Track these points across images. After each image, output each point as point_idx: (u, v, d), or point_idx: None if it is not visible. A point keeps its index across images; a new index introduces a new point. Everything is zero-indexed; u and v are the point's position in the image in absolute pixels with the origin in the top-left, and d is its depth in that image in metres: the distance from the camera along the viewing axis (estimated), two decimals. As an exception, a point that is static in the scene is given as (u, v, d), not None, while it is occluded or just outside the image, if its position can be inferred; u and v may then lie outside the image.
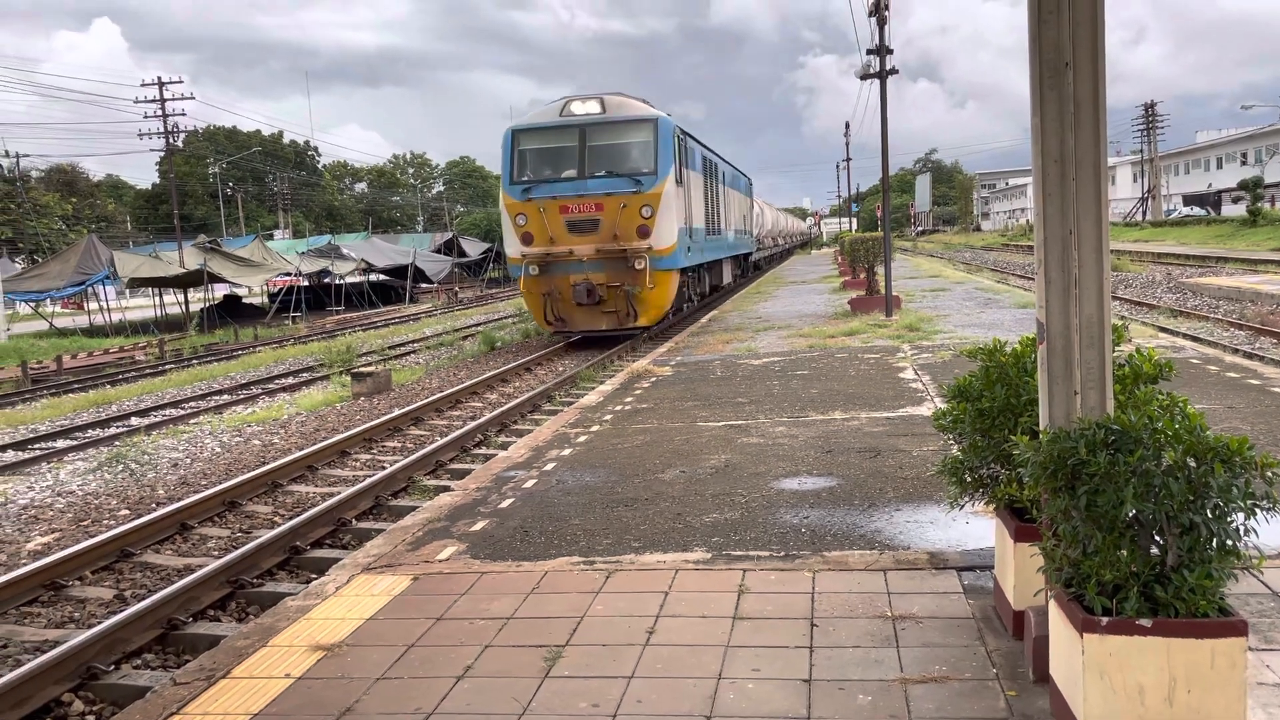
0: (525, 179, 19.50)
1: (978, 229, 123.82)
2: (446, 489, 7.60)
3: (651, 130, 19.34)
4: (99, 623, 5.84)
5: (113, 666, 5.19)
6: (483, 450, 10.38)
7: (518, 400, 12.81)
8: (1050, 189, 3.54)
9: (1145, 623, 2.97)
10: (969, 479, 4.25)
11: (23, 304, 41.55)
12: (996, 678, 3.73)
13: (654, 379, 12.51)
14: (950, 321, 17.45)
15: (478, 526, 6.23)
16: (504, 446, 10.22)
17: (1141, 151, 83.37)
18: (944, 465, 4.26)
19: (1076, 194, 3.49)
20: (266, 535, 6.97)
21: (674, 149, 19.48)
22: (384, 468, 9.64)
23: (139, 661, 5.37)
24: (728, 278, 31.71)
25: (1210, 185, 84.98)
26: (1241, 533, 2.98)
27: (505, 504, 6.73)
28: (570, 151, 19.47)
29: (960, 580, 4.77)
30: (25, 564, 7.02)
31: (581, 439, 8.88)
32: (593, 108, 19.55)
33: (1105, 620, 3.00)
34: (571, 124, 19.48)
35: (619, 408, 10.45)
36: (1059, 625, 3.26)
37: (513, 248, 19.71)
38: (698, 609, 4.61)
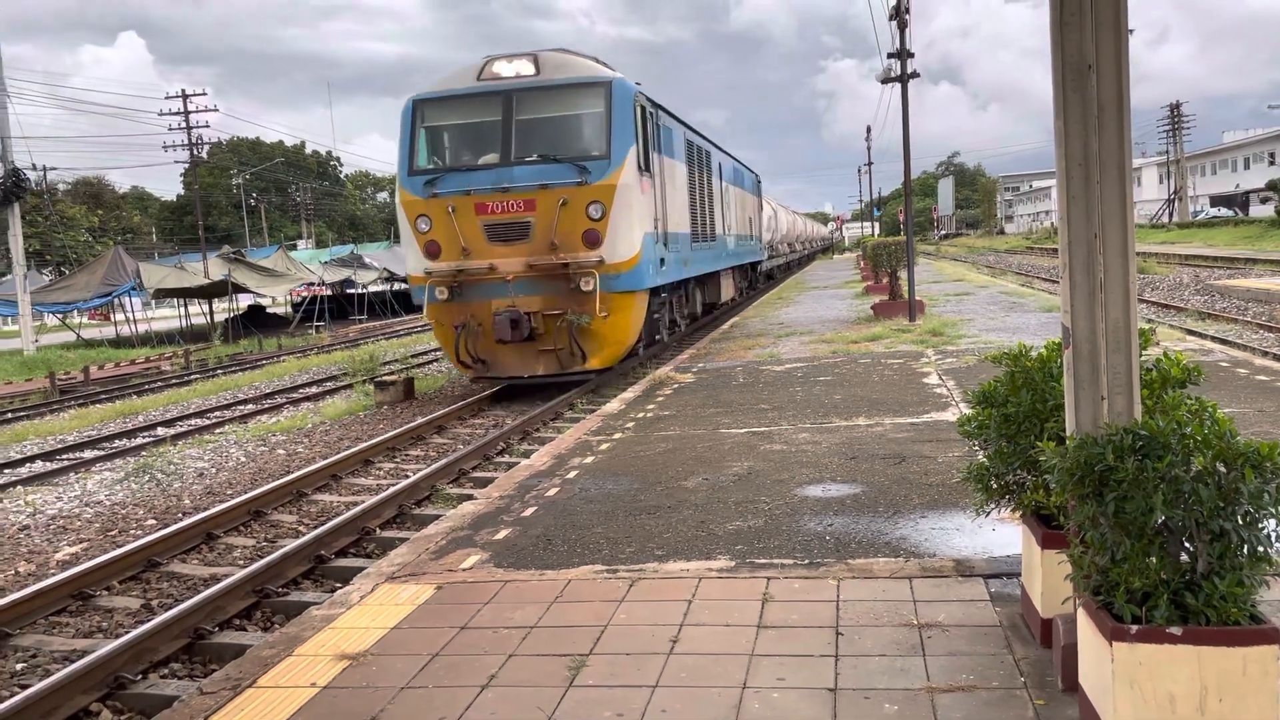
0: (430, 167, 14.36)
1: (1001, 232, 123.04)
2: (469, 497, 7.62)
3: (603, 97, 14.01)
4: (127, 632, 5.88)
5: (140, 676, 5.23)
6: (505, 458, 10.40)
7: (541, 408, 12.82)
8: (1074, 192, 3.50)
9: (1175, 631, 2.93)
10: (995, 485, 4.21)
11: (50, 315, 42.06)
12: (1024, 686, 3.69)
13: (676, 386, 12.50)
14: (974, 326, 17.34)
15: (501, 535, 6.23)
16: (526, 454, 10.23)
17: (1167, 152, 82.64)
18: (969, 472, 4.23)
19: (1101, 197, 3.45)
20: (291, 545, 7.01)
21: (636, 124, 14.30)
22: (407, 476, 9.67)
23: (166, 671, 5.40)
24: (728, 292, 25.84)
25: (1238, 186, 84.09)
26: (1273, 539, 2.94)
27: (528, 512, 6.73)
28: (491, 129, 14.15)
29: (987, 588, 4.73)
30: (54, 574, 7.08)
31: (604, 446, 8.87)
32: (523, 68, 14.23)
33: (1135, 628, 2.96)
34: (493, 90, 14.11)
35: (641, 415, 10.45)
36: (1088, 633, 3.22)
37: (413, 262, 14.37)
38: (722, 617, 4.59)
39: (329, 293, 45.17)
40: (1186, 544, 3.05)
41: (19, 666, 5.61)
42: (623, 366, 15.42)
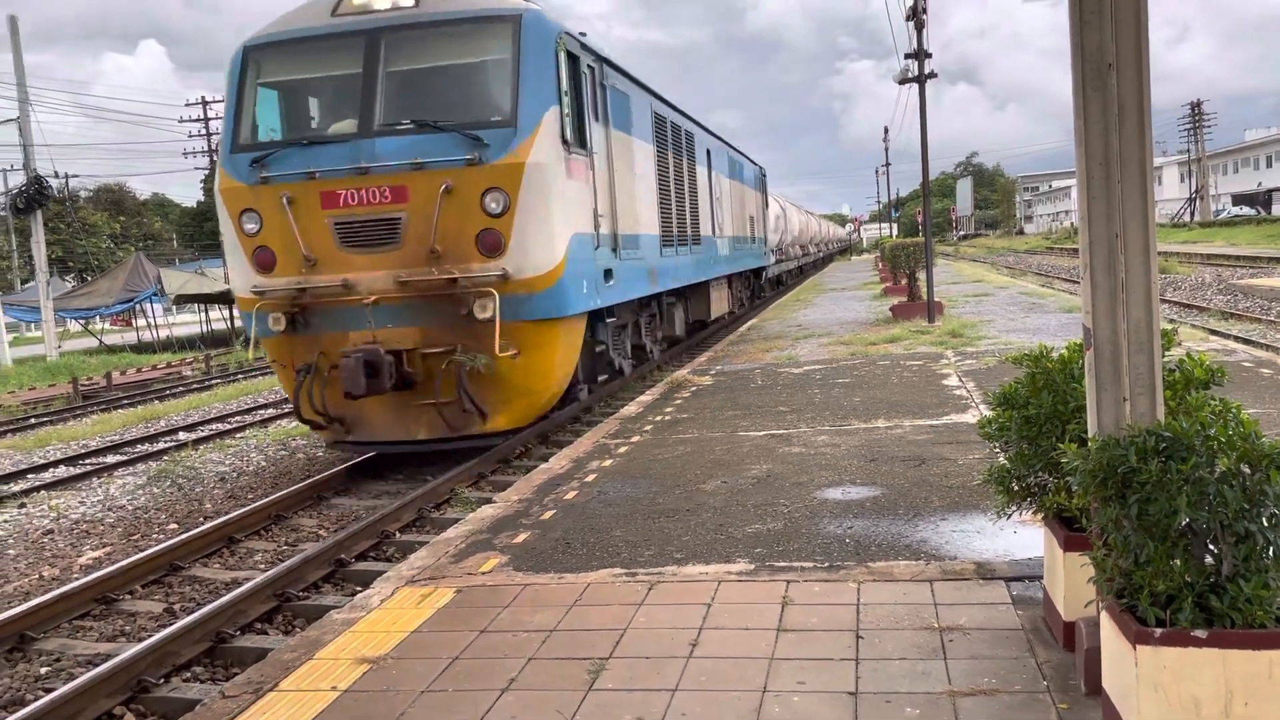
0: (261, 142, 10.06)
1: (1021, 232, 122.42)
2: (488, 500, 7.63)
3: (508, 38, 9.76)
4: (149, 636, 5.93)
5: (163, 679, 5.26)
6: (524, 461, 10.41)
7: (559, 413, 12.84)
8: (1095, 192, 3.48)
9: (1200, 634, 2.90)
10: (1016, 488, 4.18)
11: (73, 321, 42.46)
12: (1047, 690, 3.66)
13: (694, 388, 12.48)
14: (994, 327, 17.25)
15: (520, 538, 6.24)
16: (545, 458, 10.24)
17: (1188, 151, 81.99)
18: (990, 474, 4.20)
19: (1122, 196, 3.43)
20: (312, 549, 7.04)
21: (560, 78, 10.02)
22: (426, 480, 9.70)
23: (188, 674, 5.44)
24: (722, 306, 21.20)
25: (1260, 184, 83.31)
26: (1300, 541, 2.90)
27: (547, 516, 6.74)
28: (349, 86, 9.88)
29: (1009, 590, 4.69)
30: (77, 578, 7.14)
31: (622, 450, 8.87)
32: None
33: (1159, 631, 2.93)
34: (353, 30, 9.91)
35: (659, 418, 10.44)
36: (1111, 637, 3.19)
37: (238, 278, 10.17)
38: (741, 621, 4.58)
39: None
40: (1211, 546, 3.02)
41: (43, 670, 5.66)
42: (557, 416, 11.45)
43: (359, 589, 6.28)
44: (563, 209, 9.78)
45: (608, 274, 11.33)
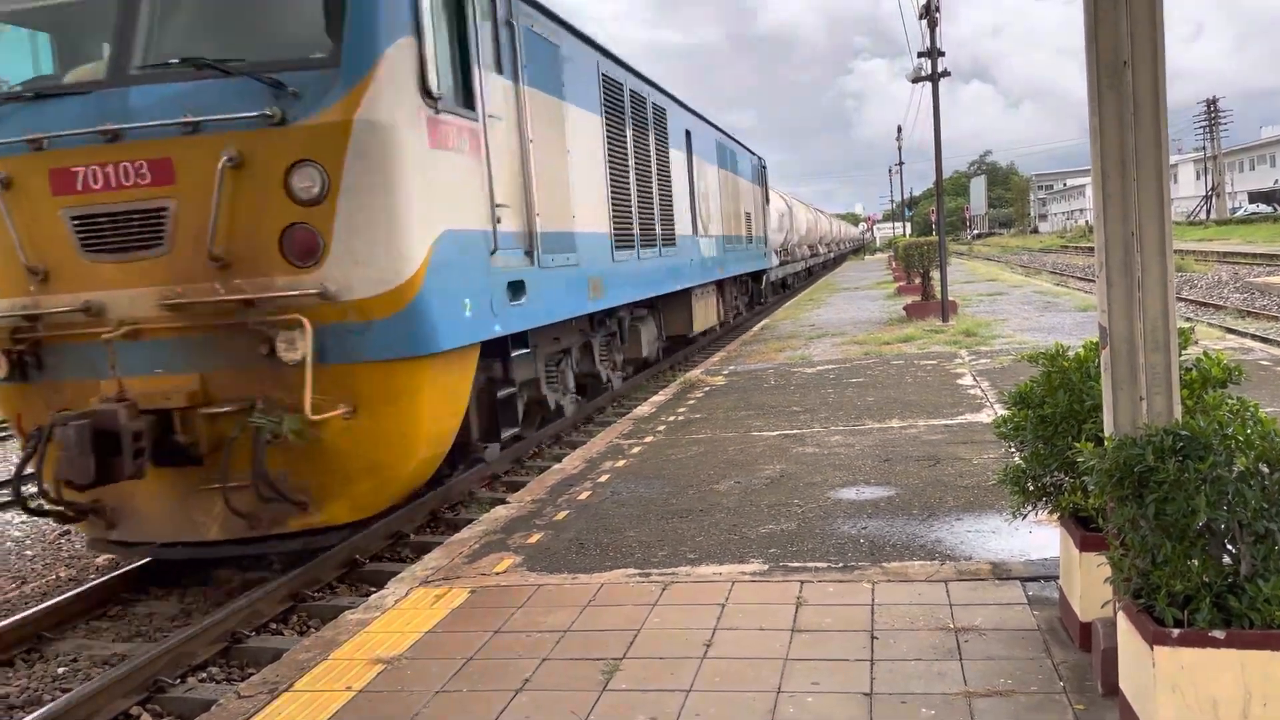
0: None
1: (1035, 231, 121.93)
2: (502, 501, 7.64)
3: None
4: (166, 637, 5.95)
5: (179, 679, 5.28)
6: (537, 461, 10.42)
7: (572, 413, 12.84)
8: (1111, 190, 3.46)
9: (1218, 634, 2.88)
10: (1031, 487, 4.16)
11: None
12: (1064, 691, 3.64)
13: (707, 388, 12.47)
14: (1009, 326, 17.18)
15: (534, 539, 6.24)
16: (558, 459, 10.24)
17: (1204, 149, 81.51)
18: (1005, 474, 4.18)
19: (1138, 195, 3.40)
20: (327, 549, 7.06)
21: None
22: (441, 481, 9.71)
23: (204, 675, 5.46)
24: (708, 318, 17.93)
25: (1276, 181, 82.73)
26: (1320, 541, 2.88)
27: (560, 516, 6.74)
28: (97, 11, 6.68)
29: (1024, 591, 4.67)
30: (94, 579, 7.17)
31: (635, 450, 8.87)
32: None
33: (1176, 632, 2.91)
34: None
35: (672, 418, 10.43)
36: (1128, 637, 3.17)
37: None
38: (755, 621, 4.57)
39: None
40: (1229, 546, 3.00)
41: (60, 670, 5.69)
42: (439, 492, 8.41)
43: (373, 589, 6.29)
44: (423, 193, 6.54)
45: (515, 288, 8.03)
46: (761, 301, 28.20)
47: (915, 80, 20.47)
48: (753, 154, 24.85)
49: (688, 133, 16.15)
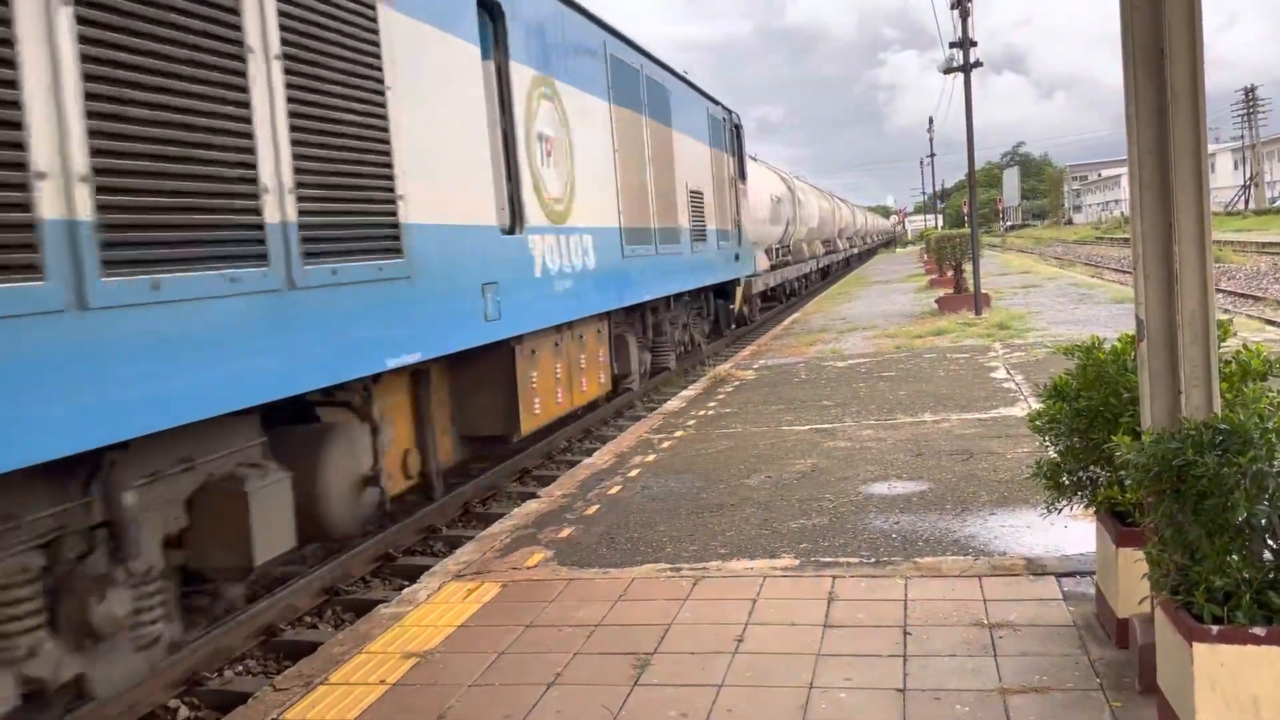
0: None
1: (1069, 222, 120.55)
2: (533, 495, 7.66)
3: None
4: (203, 630, 6.02)
5: (216, 673, 5.35)
6: (568, 456, 10.44)
7: (602, 408, 12.85)
8: (1147, 181, 3.41)
9: (1259, 631, 2.83)
10: (1066, 482, 4.12)
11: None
12: (1100, 688, 3.60)
13: (737, 383, 12.44)
14: (1043, 319, 17.00)
15: (564, 533, 6.26)
16: (588, 453, 10.26)
17: (1242, 138, 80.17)
18: (1039, 468, 4.14)
19: (1175, 185, 3.35)
20: (361, 544, 7.11)
21: None
22: (472, 475, 9.76)
23: (241, 668, 5.52)
24: (583, 384, 9.77)
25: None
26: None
27: (591, 511, 6.75)
28: None
29: (1059, 587, 4.62)
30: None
31: (665, 445, 8.87)
32: None
33: (1216, 629, 2.87)
34: None
35: (702, 413, 10.42)
36: (1166, 634, 3.13)
37: None
38: (786, 616, 4.55)
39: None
40: (1270, 541, 2.95)
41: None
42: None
43: (405, 583, 6.33)
44: None
45: None
46: (735, 326, 19.49)
47: (947, 71, 20.29)
48: (715, 103, 16.09)
49: (539, 33, 8.43)
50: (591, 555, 5.76)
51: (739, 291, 18.23)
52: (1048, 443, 4.24)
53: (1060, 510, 4.19)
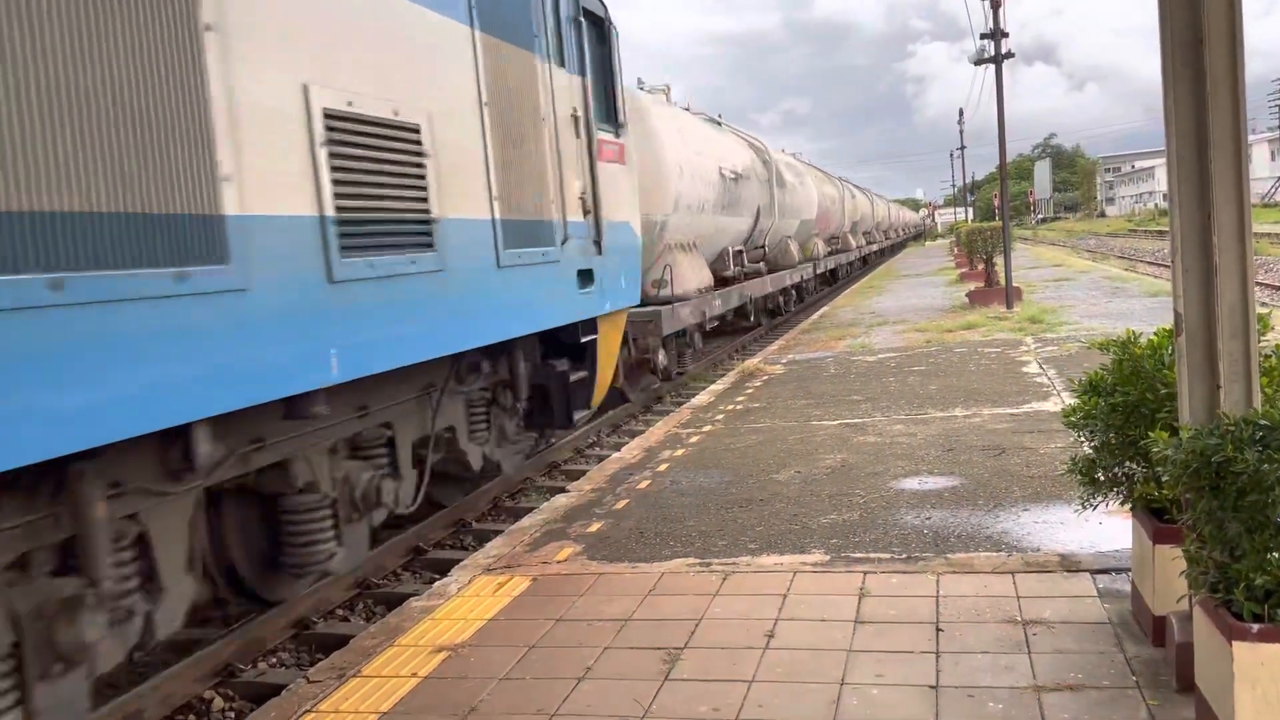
0: None
1: (1102, 215, 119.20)
2: (562, 490, 7.68)
3: None
4: (237, 623, 6.08)
5: (250, 665, 5.40)
6: (596, 451, 10.46)
7: (629, 403, 12.85)
8: (1185, 172, 3.36)
9: (1302, 630, 2.78)
10: (1101, 478, 4.07)
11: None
12: (1137, 686, 3.56)
13: (765, 377, 12.40)
14: (1075, 312, 16.82)
15: (594, 528, 6.27)
16: (617, 447, 10.26)
17: (1279, 127, 78.81)
18: (1074, 464, 4.10)
19: (1214, 176, 3.30)
20: (394, 537, 7.17)
21: None
22: (500, 470, 9.78)
23: (274, 660, 5.57)
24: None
25: (1358, 160, 79.75)
26: None
27: (620, 505, 6.76)
28: None
29: (1094, 584, 4.57)
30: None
31: (694, 439, 8.85)
32: None
33: (1256, 627, 2.83)
34: None
35: (730, 407, 10.39)
36: (1205, 632, 3.08)
37: None
38: (817, 612, 4.53)
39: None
40: (1312, 539, 2.90)
41: (136, 655, 5.84)
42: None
43: (436, 576, 6.37)
44: None
45: None
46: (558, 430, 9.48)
47: (978, 63, 20.09)
48: None
49: None
50: (621, 549, 5.77)
51: (628, 341, 11.03)
52: (1082, 439, 4.19)
53: (1095, 507, 4.14)
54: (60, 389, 3.21)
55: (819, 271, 27.22)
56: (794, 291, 23.85)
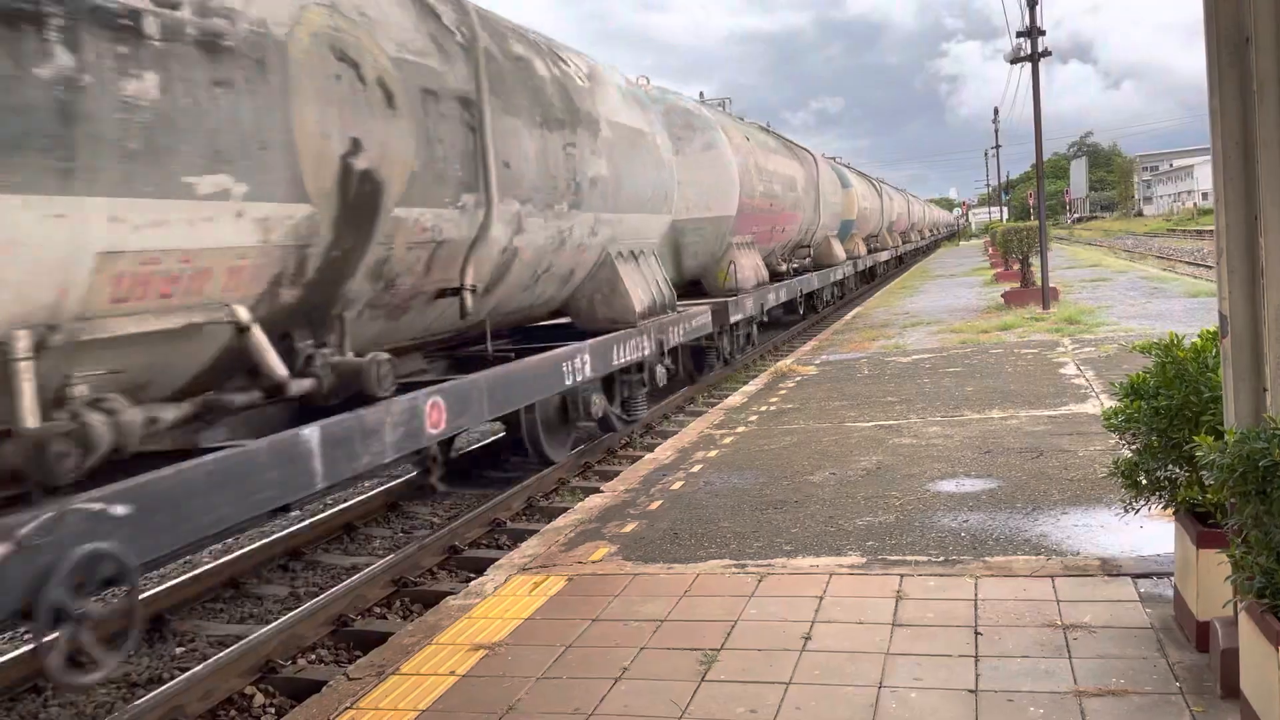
0: None
1: (1139, 214, 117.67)
2: (596, 490, 7.70)
3: None
4: (276, 619, 6.16)
5: (289, 661, 5.47)
6: (629, 451, 10.47)
7: (663, 402, 12.86)
8: (1231, 172, 3.32)
9: (1352, 638, 2.74)
10: (1144, 481, 4.03)
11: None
12: (1180, 692, 3.52)
13: (798, 378, 12.36)
14: (1113, 313, 16.62)
15: (628, 528, 6.28)
16: (650, 448, 10.27)
17: (1323, 124, 77.53)
18: (1116, 467, 4.06)
19: (1261, 176, 3.26)
20: (428, 537, 7.22)
21: None
22: (534, 470, 9.83)
23: (313, 656, 5.63)
24: None
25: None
26: None
27: (654, 506, 6.77)
28: None
29: (1135, 588, 4.52)
30: (207, 563, 7.46)
31: (727, 440, 8.85)
32: None
33: (1305, 634, 2.79)
34: None
35: (764, 408, 10.37)
36: (1250, 638, 3.04)
37: None
38: (854, 615, 4.52)
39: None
40: (1363, 545, 2.86)
41: (178, 650, 5.93)
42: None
43: (472, 575, 6.42)
44: None
45: None
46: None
47: (1014, 61, 19.92)
48: None
49: None
50: (656, 550, 5.78)
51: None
52: (1123, 442, 4.15)
53: (1138, 510, 4.10)
54: None
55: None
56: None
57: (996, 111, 58.71)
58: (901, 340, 15.47)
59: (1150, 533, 5.14)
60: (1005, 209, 72.94)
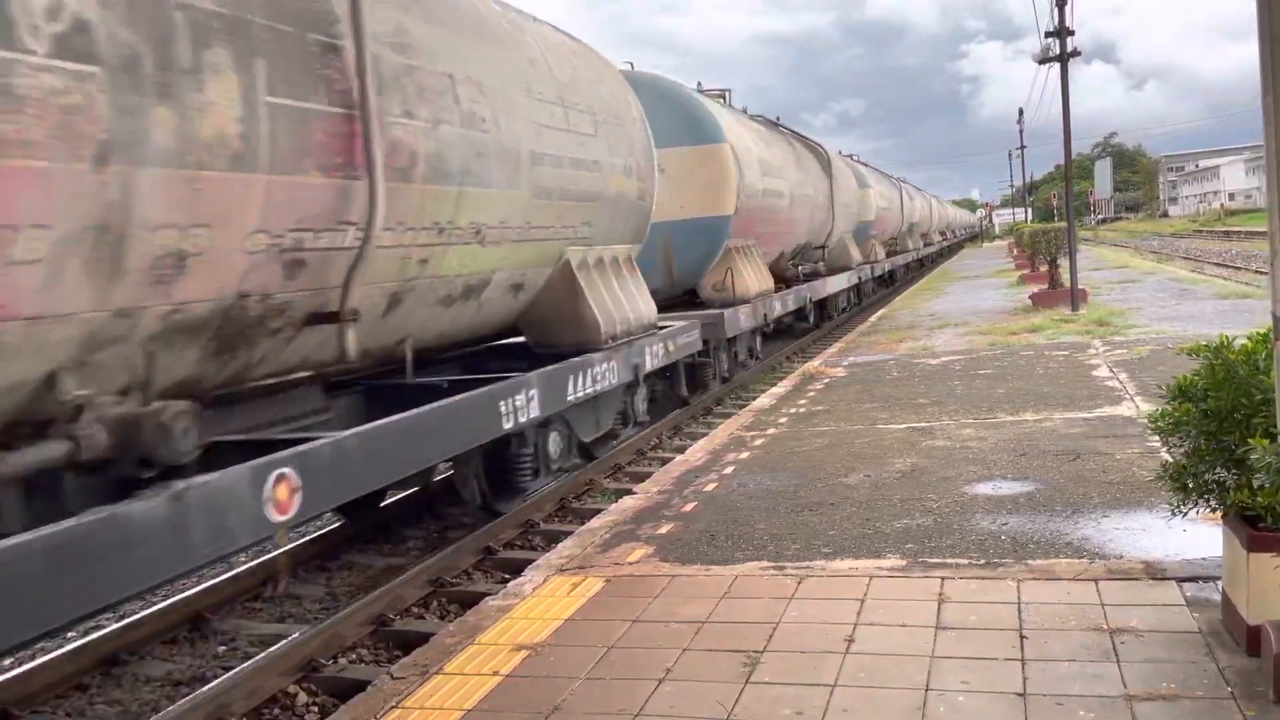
0: None
1: (1165, 215, 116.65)
2: (628, 491, 7.71)
3: None
4: (315, 618, 6.22)
5: (331, 660, 5.51)
6: (658, 454, 10.48)
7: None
8: (1286, 173, 3.29)
9: None
10: (1191, 484, 4.00)
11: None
12: (1232, 696, 3.49)
13: (827, 380, 12.34)
14: (1143, 315, 16.49)
15: (663, 530, 6.29)
16: (680, 450, 10.28)
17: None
18: (1165, 470, 4.03)
19: (1316, 177, 3.23)
20: (465, 538, 7.26)
21: None
22: (565, 471, 9.85)
23: (354, 656, 5.67)
24: None
25: None
26: None
27: (688, 508, 6.77)
28: None
29: (1181, 591, 4.49)
30: (245, 562, 7.52)
31: (758, 442, 8.84)
32: None
33: (1366, 639, 2.76)
34: None
35: (793, 410, 10.36)
36: (1308, 643, 3.02)
37: None
38: (896, 617, 4.51)
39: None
40: None
41: (220, 649, 5.99)
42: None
43: (508, 576, 6.45)
44: None
45: None
46: None
47: (1043, 61, 19.81)
48: None
49: None
50: (693, 552, 5.78)
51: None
52: (1170, 445, 4.12)
53: (1186, 513, 4.08)
54: None
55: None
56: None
57: (1021, 112, 58.24)
58: (930, 342, 15.41)
59: (1193, 536, 5.10)
60: (1029, 210, 72.46)
